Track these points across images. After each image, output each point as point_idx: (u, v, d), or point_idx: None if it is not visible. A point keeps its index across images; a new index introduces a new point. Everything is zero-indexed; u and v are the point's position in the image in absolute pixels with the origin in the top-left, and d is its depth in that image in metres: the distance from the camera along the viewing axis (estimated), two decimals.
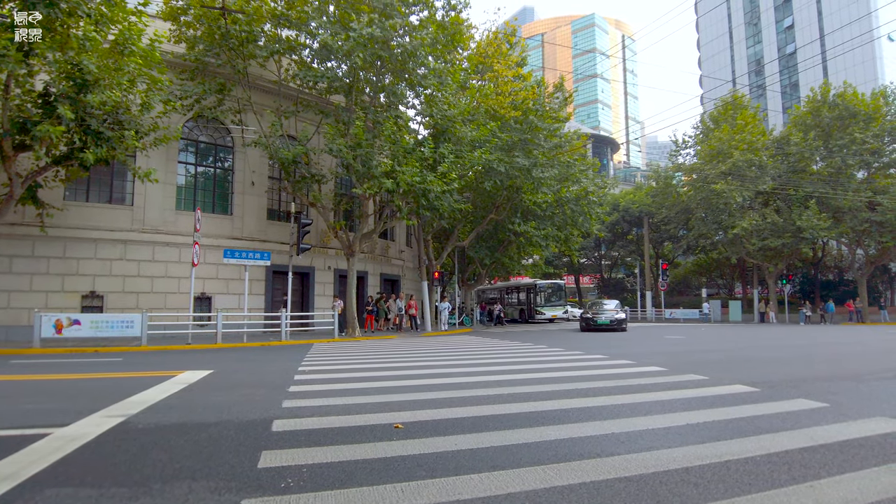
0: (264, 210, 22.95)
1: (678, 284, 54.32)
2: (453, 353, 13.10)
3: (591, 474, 3.42)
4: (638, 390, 6.77)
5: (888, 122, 35.64)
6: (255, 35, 18.98)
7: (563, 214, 29.79)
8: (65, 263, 18.39)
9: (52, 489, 3.28)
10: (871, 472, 3.47)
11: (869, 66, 64.41)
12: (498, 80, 26.26)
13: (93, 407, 5.80)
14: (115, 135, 14.79)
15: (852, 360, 10.73)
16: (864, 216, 34.20)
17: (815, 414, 5.26)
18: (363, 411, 5.56)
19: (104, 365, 10.83)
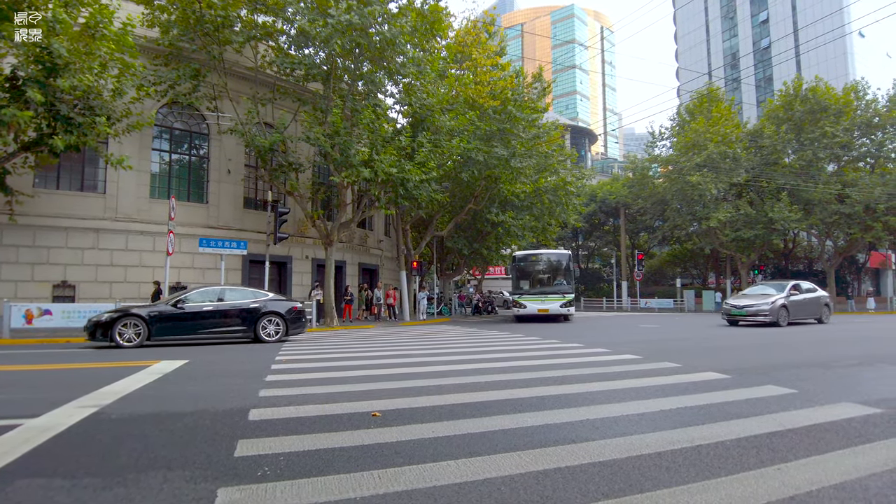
0: (240, 198, 22.67)
1: (653, 275, 55.08)
2: (431, 342, 13.14)
3: (566, 460, 3.48)
4: (613, 377, 6.87)
5: (858, 116, 36.47)
6: (230, 20, 18.61)
7: (541, 205, 29.95)
8: (35, 252, 17.99)
9: (24, 480, 3.23)
10: (836, 454, 3.58)
11: (840, 62, 65.70)
12: (477, 70, 26.21)
13: (65, 397, 5.70)
14: (87, 121, 14.45)
15: (819, 348, 11.02)
16: (834, 208, 35.02)
17: (783, 400, 5.40)
18: (341, 400, 5.56)
19: (76, 355, 10.65)
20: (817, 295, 19.29)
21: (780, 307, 17.26)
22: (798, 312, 18.15)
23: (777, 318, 17.07)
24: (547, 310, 22.72)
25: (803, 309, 18.50)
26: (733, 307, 18.35)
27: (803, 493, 2.89)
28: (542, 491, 2.95)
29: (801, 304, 18.31)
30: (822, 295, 19.53)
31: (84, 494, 2.98)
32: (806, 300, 18.60)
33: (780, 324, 16.99)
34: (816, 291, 19.48)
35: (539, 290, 23.85)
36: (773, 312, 17.10)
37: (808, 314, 18.73)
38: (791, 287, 18.36)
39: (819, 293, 19.48)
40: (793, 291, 18.14)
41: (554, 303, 22.87)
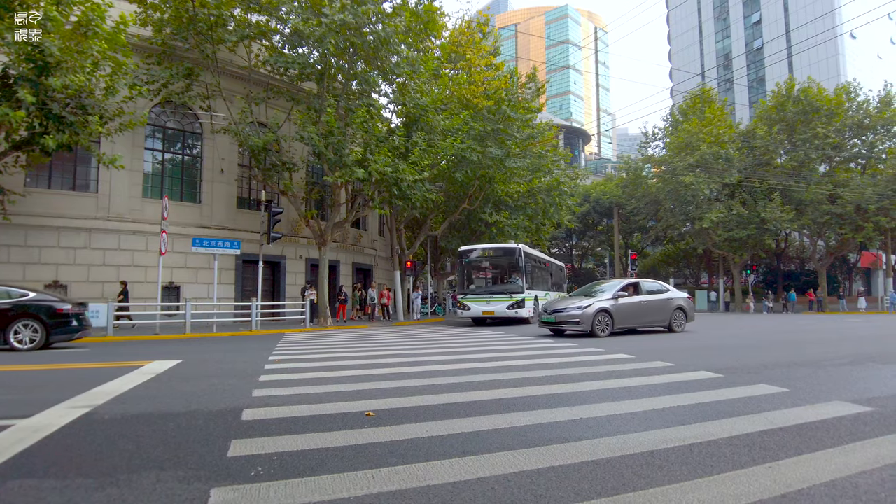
0: (234, 198, 22.61)
1: (647, 274, 55.20)
2: (425, 342, 13.14)
3: (559, 459, 3.49)
4: (606, 377, 6.90)
5: (849, 117, 36.74)
6: (224, 19, 18.56)
7: (535, 205, 30.03)
8: (26, 252, 17.87)
9: (15, 481, 3.21)
10: (826, 453, 3.61)
11: (832, 63, 66.10)
12: (471, 70, 26.22)
13: (57, 398, 5.67)
14: (78, 120, 14.38)
15: (811, 347, 11.09)
16: (825, 209, 35.26)
17: (775, 399, 5.43)
18: (334, 399, 5.56)
19: (69, 355, 10.58)
20: (665, 297, 15.59)
21: (598, 312, 13.69)
22: (629, 319, 14.52)
23: (590, 326, 13.54)
24: (492, 312, 20.23)
25: (639, 314, 14.78)
26: (545, 312, 14.74)
27: (794, 491, 2.91)
28: (536, 490, 2.96)
29: (634, 309, 14.66)
30: (673, 297, 15.77)
31: (76, 495, 2.96)
32: (644, 304, 14.93)
33: (598, 333, 13.54)
34: (666, 293, 15.83)
35: (486, 290, 21.30)
36: (584, 319, 13.55)
37: (646, 320, 15.01)
38: (622, 287, 14.83)
39: (669, 294, 15.80)
40: (622, 293, 14.57)
41: (500, 304, 20.18)
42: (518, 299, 20.23)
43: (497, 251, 21.93)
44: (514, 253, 21.09)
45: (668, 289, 16.16)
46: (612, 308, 14.03)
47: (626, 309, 14.48)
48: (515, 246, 21.05)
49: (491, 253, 22.04)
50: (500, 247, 22.21)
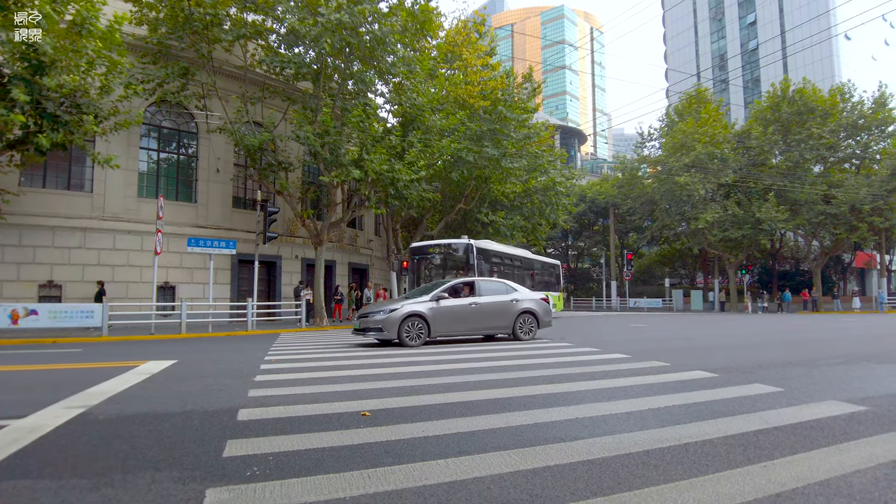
0: (229, 198, 22.55)
1: (642, 274, 55.41)
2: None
3: (555, 458, 3.50)
4: (602, 377, 6.91)
5: (844, 118, 36.89)
6: (219, 18, 18.50)
7: (531, 205, 30.07)
8: (21, 252, 17.79)
9: (9, 482, 3.20)
10: (821, 452, 3.63)
11: (827, 64, 66.37)
12: (467, 70, 26.25)
13: (52, 398, 5.65)
14: (73, 119, 14.30)
15: (806, 347, 11.13)
16: (820, 209, 35.39)
17: (769, 398, 5.46)
18: (330, 399, 5.55)
19: (63, 356, 10.54)
20: (508, 299, 13.02)
21: (407, 317, 11.57)
22: (454, 324, 12.25)
23: (396, 332, 11.48)
24: None
25: (468, 319, 12.42)
26: (360, 317, 12.49)
27: (789, 490, 2.93)
28: (532, 489, 2.96)
29: (462, 313, 12.33)
30: (520, 298, 13.20)
31: (71, 496, 2.95)
32: (477, 307, 12.47)
33: (408, 342, 11.51)
34: (510, 293, 13.25)
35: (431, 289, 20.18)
36: (389, 325, 11.44)
37: (479, 326, 12.65)
38: (448, 287, 12.60)
39: (514, 296, 13.19)
40: (443, 293, 12.29)
41: None
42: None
43: (447, 247, 20.29)
44: (463, 249, 19.47)
45: (516, 289, 13.54)
46: (428, 312, 11.80)
47: (448, 313, 12.15)
48: (465, 241, 19.42)
49: (441, 249, 20.44)
50: (449, 243, 20.47)
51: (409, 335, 11.66)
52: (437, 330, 12.05)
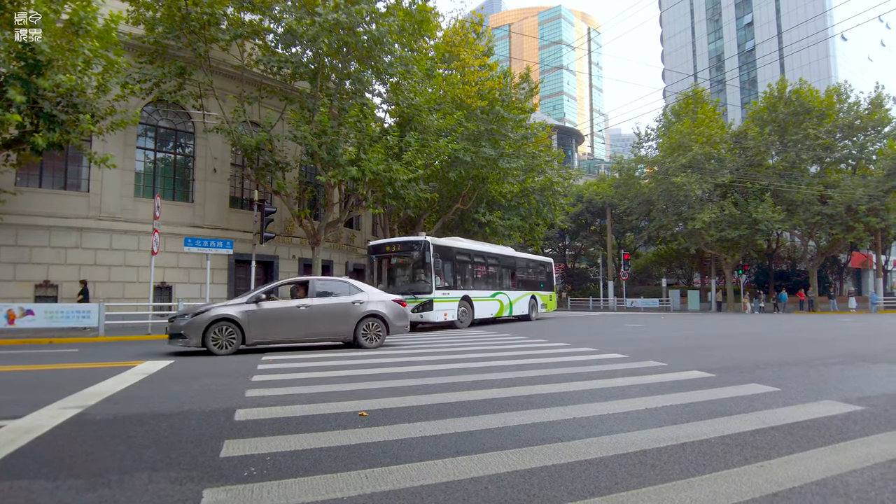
0: (226, 198, 22.51)
1: (639, 274, 55.48)
2: (418, 341, 13.13)
3: (552, 458, 3.50)
4: (599, 377, 6.92)
5: (840, 119, 36.98)
6: (216, 18, 18.47)
7: (529, 205, 30.08)
8: (16, 252, 17.73)
9: (5, 482, 3.19)
10: (817, 451, 3.64)
11: (823, 64, 66.51)
12: (464, 70, 26.25)
13: (48, 398, 5.63)
14: (70, 118, 14.25)
15: (802, 347, 11.16)
16: (816, 209, 35.48)
17: (766, 398, 5.47)
18: (328, 400, 5.55)
19: (60, 356, 10.50)
20: (348, 301, 11.58)
21: (214, 322, 10.28)
22: (275, 330, 10.90)
23: (200, 339, 10.20)
24: None
25: (295, 323, 11.04)
26: (170, 320, 11.13)
27: (786, 490, 2.93)
28: (529, 489, 2.97)
29: (286, 316, 11.02)
30: (363, 300, 11.71)
31: (67, 496, 2.95)
32: (307, 310, 11.13)
33: (215, 350, 10.22)
34: (353, 295, 11.75)
35: (394, 291, 17.43)
36: (192, 331, 10.22)
37: (309, 332, 11.25)
38: (272, 288, 11.42)
39: (357, 297, 11.70)
40: (261, 295, 10.95)
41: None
42: (424, 300, 17.40)
43: (402, 245, 18.92)
44: (418, 247, 18.07)
45: (361, 289, 12.02)
46: (241, 315, 10.48)
47: (269, 316, 10.80)
48: (421, 238, 18.15)
49: (397, 248, 19.06)
50: (405, 240, 19.07)
51: (216, 342, 10.25)
52: (253, 336, 10.60)
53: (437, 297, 17.74)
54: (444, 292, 18.17)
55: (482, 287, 20.90)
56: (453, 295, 18.60)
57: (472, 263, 20.62)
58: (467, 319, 19.11)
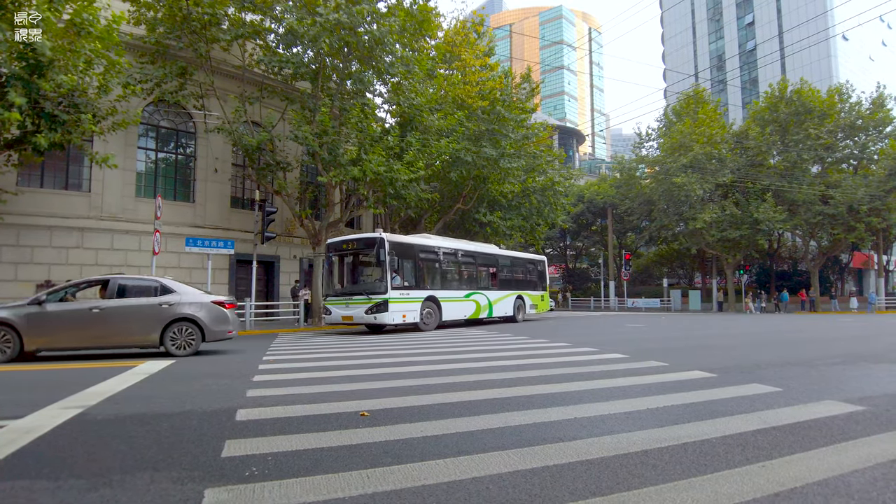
0: (227, 198, 22.53)
1: (640, 274, 55.45)
2: (420, 342, 13.12)
3: (554, 458, 3.49)
4: (601, 377, 6.91)
5: (842, 118, 36.97)
6: (218, 18, 18.49)
7: (530, 205, 30.05)
8: (18, 252, 17.75)
9: (6, 482, 3.19)
10: (819, 452, 3.63)
11: (825, 64, 66.47)
12: (465, 70, 26.23)
13: (49, 398, 5.64)
14: (71, 118, 14.27)
15: (804, 347, 11.15)
16: (818, 209, 35.45)
17: (768, 398, 5.46)
18: (329, 399, 5.55)
19: (61, 356, 10.52)
20: (154, 303, 10.25)
21: None
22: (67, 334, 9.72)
23: None
24: (351, 317, 16.62)
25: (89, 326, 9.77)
26: None
27: (787, 490, 2.93)
28: (531, 489, 2.96)
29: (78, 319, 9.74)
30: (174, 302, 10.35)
31: (69, 496, 2.95)
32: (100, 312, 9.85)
33: None
34: (167, 294, 10.46)
35: (348, 291, 17.40)
36: None
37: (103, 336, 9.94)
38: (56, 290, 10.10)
39: (169, 297, 10.40)
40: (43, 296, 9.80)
41: (359, 307, 16.44)
42: (378, 301, 16.23)
43: (358, 242, 17.72)
44: (373, 244, 16.90)
45: (172, 290, 10.53)
46: (19, 319, 9.40)
47: (55, 319, 9.62)
48: (376, 235, 16.97)
49: (353, 245, 17.87)
50: (360, 237, 17.90)
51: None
52: (34, 343, 9.52)
53: (394, 297, 16.47)
54: (403, 292, 16.98)
55: (453, 287, 19.65)
56: (414, 295, 17.38)
57: (441, 262, 19.28)
58: (433, 321, 17.89)
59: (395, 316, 16.49)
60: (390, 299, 16.33)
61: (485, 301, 20.82)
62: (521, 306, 23.31)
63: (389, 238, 16.94)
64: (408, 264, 17.79)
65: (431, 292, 18.21)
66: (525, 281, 24.61)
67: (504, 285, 22.60)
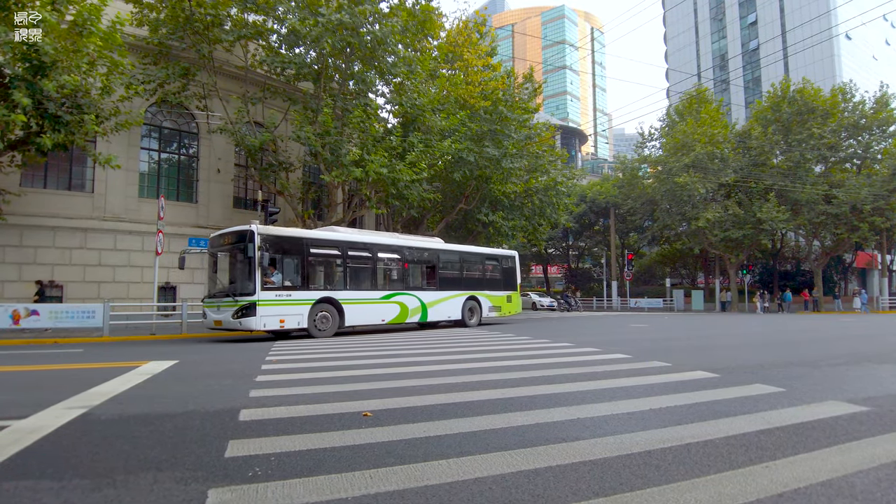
0: (230, 198, 22.57)
1: (643, 274, 55.36)
2: (422, 342, 13.13)
3: (556, 458, 3.49)
4: (603, 377, 6.90)
5: (845, 118, 36.86)
6: (220, 19, 18.55)
7: (532, 205, 30.04)
8: (22, 252, 17.81)
9: (11, 482, 3.20)
10: (823, 452, 3.62)
11: (828, 64, 66.31)
12: (468, 70, 26.24)
13: (53, 399, 5.65)
14: (74, 119, 14.32)
15: (807, 347, 11.12)
16: (821, 209, 35.36)
17: (771, 398, 5.45)
18: (332, 400, 5.55)
19: (64, 356, 10.54)
20: None
21: None
22: None
23: None
24: (220, 321, 14.58)
25: None
26: None
27: (791, 491, 2.92)
28: (534, 490, 2.96)
29: None
30: None
31: (73, 496, 2.95)
32: None
33: None
34: None
35: (220, 292, 15.20)
36: None
37: None
38: None
39: None
40: None
41: (227, 310, 14.33)
42: (245, 304, 13.93)
43: (232, 237, 15.04)
44: (243, 238, 14.42)
45: None
46: None
47: None
48: (246, 228, 14.50)
49: (225, 241, 15.26)
50: (232, 231, 15.21)
51: None
52: None
53: (265, 299, 14.09)
54: (280, 293, 14.57)
55: (366, 286, 16.97)
56: (300, 297, 14.94)
57: (347, 258, 16.59)
58: (329, 326, 15.43)
59: (266, 321, 14.09)
60: (259, 301, 13.93)
61: (415, 303, 17.97)
62: (475, 309, 20.37)
63: (263, 231, 14.52)
64: (293, 261, 15.50)
65: (328, 293, 15.74)
66: (483, 280, 21.36)
67: (448, 285, 19.57)
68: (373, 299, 16.89)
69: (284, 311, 14.56)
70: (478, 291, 20.62)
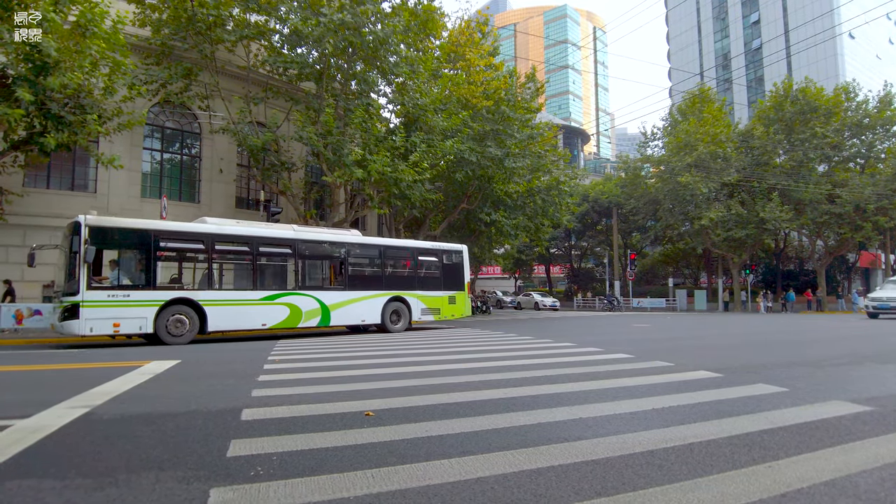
0: (232, 198, 22.60)
1: (646, 274, 55.28)
2: (424, 341, 13.12)
3: (559, 458, 3.48)
4: (606, 377, 6.89)
5: (848, 117, 36.77)
6: (222, 19, 18.58)
7: (534, 205, 30.02)
8: (24, 252, 17.79)
9: (14, 481, 3.20)
10: (826, 452, 3.61)
11: (831, 63, 66.16)
12: (470, 70, 26.23)
13: (55, 398, 5.66)
14: (77, 119, 14.35)
15: (810, 347, 11.09)
16: (824, 208, 35.28)
17: (774, 398, 5.43)
18: (334, 399, 5.55)
19: (67, 356, 10.56)
20: None
21: None
22: None
23: None
24: (52, 325, 13.23)
25: None
26: None
27: (794, 491, 2.91)
28: (536, 489, 2.96)
29: None
30: None
31: (75, 495, 2.95)
32: None
33: None
34: None
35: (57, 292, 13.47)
36: None
37: None
38: None
39: None
40: None
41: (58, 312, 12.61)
42: (69, 304, 12.12)
43: (66, 230, 13.18)
44: (71, 230, 12.67)
45: None
46: None
47: None
48: (74, 220, 12.64)
49: (65, 234, 13.37)
50: (68, 224, 13.12)
51: None
52: None
53: (92, 300, 12.20)
54: (115, 293, 12.58)
55: (244, 285, 14.86)
56: (141, 297, 12.86)
57: (212, 252, 14.28)
58: (185, 332, 13.32)
59: (93, 325, 12.16)
60: (84, 303, 12.04)
61: (311, 305, 15.55)
62: (402, 311, 17.68)
63: (93, 222, 12.51)
64: (136, 257, 13.53)
65: (185, 293, 13.56)
66: (413, 278, 18.46)
67: (362, 284, 17.09)
68: (250, 300, 14.53)
69: (120, 314, 12.53)
70: (406, 291, 17.93)
